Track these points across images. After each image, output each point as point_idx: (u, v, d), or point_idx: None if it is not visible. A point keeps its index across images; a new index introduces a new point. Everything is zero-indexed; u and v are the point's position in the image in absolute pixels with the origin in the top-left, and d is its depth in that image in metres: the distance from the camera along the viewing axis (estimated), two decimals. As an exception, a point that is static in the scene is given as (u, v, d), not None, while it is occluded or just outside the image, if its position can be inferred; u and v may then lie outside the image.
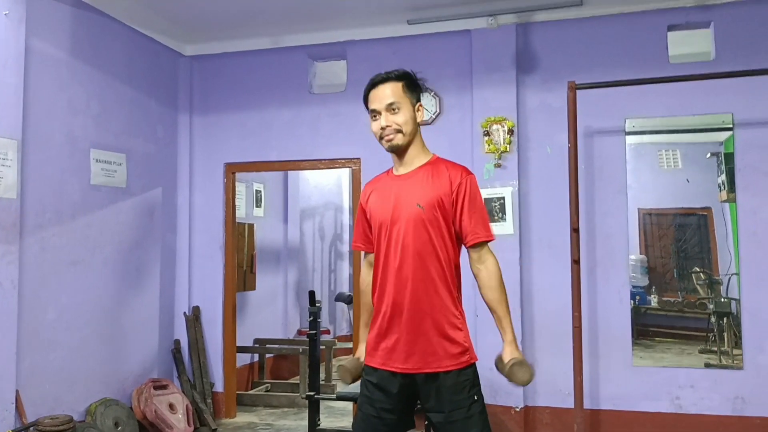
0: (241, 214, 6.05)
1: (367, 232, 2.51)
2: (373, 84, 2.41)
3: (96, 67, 4.48)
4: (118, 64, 4.71)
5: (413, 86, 2.42)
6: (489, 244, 2.38)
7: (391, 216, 2.35)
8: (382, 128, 2.37)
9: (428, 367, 2.30)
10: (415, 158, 2.42)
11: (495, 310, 2.34)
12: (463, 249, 2.43)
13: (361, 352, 2.54)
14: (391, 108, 2.36)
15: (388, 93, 2.36)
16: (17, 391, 3.71)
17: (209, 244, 5.35)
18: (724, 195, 4.44)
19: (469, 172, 2.41)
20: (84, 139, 4.36)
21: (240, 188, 6.00)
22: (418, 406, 2.49)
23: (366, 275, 2.59)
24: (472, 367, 2.35)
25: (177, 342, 5.26)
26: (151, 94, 5.08)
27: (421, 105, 2.44)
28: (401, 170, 2.44)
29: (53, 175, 4.10)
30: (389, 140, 2.37)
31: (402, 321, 2.32)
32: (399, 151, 2.41)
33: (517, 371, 2.21)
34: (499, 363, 2.34)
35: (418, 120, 2.42)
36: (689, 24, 4.50)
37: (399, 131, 2.36)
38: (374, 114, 2.40)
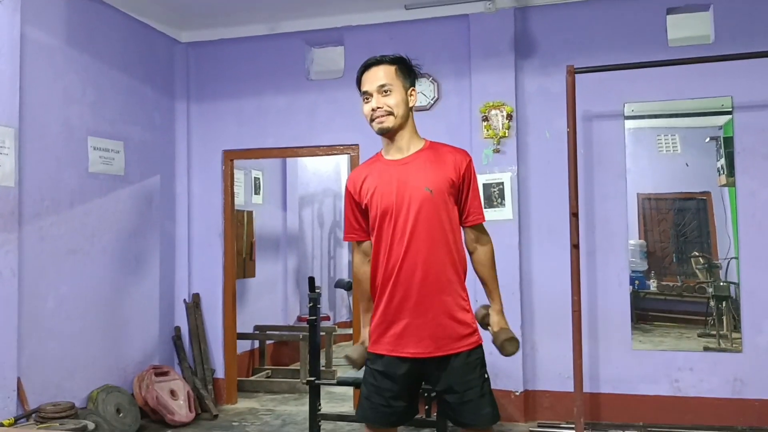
0: (239, 201, 6.04)
1: (360, 221, 2.47)
2: (366, 66, 2.39)
3: (92, 55, 4.46)
4: (113, 51, 4.68)
5: (407, 71, 2.41)
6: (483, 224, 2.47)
7: (396, 201, 2.32)
8: (373, 110, 2.35)
9: (440, 351, 2.29)
10: (410, 143, 2.40)
11: (487, 283, 2.47)
12: None
13: (364, 336, 2.52)
14: (382, 90, 2.34)
15: (380, 75, 2.35)
16: (19, 379, 3.73)
17: (208, 231, 5.34)
18: (723, 179, 4.44)
19: (469, 155, 2.44)
20: (81, 127, 4.34)
21: (238, 175, 5.98)
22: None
23: (361, 265, 2.53)
24: (480, 347, 2.37)
25: (177, 329, 5.27)
26: (147, 81, 5.06)
27: (414, 90, 2.43)
28: (396, 155, 2.40)
29: (51, 163, 4.09)
30: (380, 122, 2.35)
31: (411, 305, 2.30)
32: (390, 135, 2.38)
33: (508, 346, 2.41)
34: (482, 320, 2.52)
35: (411, 104, 2.40)
36: (688, 7, 4.47)
37: (390, 113, 2.33)
38: (366, 96, 2.38)
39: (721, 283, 4.49)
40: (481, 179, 4.51)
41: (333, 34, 5.11)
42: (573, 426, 4.10)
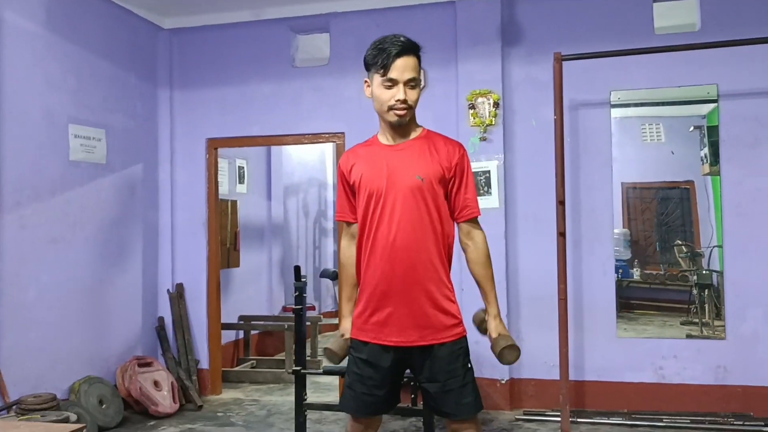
0: (223, 190, 5.98)
1: (352, 201, 2.45)
2: (398, 53, 2.27)
3: (72, 41, 4.37)
4: (95, 38, 4.60)
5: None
6: (477, 219, 2.41)
7: (386, 185, 2.29)
8: (398, 100, 2.27)
9: (424, 340, 2.28)
10: (410, 131, 2.38)
11: (482, 285, 2.39)
12: None
13: (345, 328, 2.49)
14: (410, 83, 2.29)
15: (411, 66, 2.29)
16: (-1, 370, 3.67)
17: (192, 220, 5.28)
18: (706, 168, 4.46)
19: (463, 147, 2.41)
20: (62, 114, 4.27)
21: (222, 164, 5.92)
22: (405, 379, 2.49)
23: (348, 248, 2.51)
24: (465, 338, 2.35)
25: (161, 319, 5.22)
26: (129, 68, 4.98)
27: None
28: (392, 141, 2.37)
29: (31, 151, 4.01)
30: (400, 114, 2.29)
31: (395, 293, 2.28)
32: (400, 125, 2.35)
33: (507, 354, 2.32)
34: (480, 324, 2.48)
35: None
36: (675, -5, 4.48)
37: (410, 107, 2.30)
38: (390, 83, 2.28)
39: (704, 272, 4.52)
40: (468, 168, 4.50)
41: (318, 20, 5.06)
42: (558, 414, 4.12)
